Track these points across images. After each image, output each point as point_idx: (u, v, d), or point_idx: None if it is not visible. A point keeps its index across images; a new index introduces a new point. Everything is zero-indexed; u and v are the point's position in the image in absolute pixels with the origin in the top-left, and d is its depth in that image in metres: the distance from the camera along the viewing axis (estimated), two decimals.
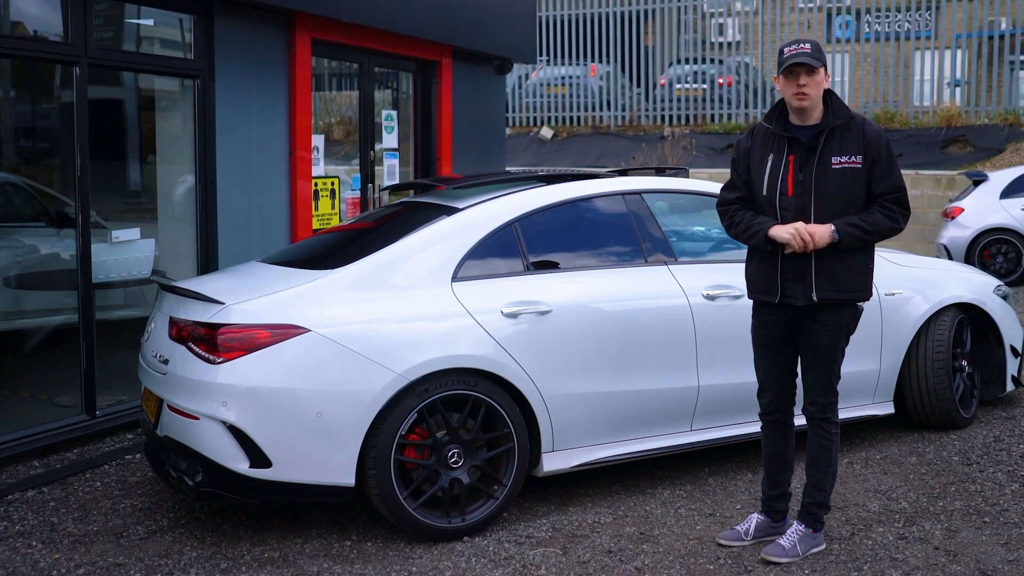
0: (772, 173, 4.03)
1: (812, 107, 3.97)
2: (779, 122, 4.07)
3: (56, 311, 6.85)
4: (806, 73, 3.91)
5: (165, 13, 6.60)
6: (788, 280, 4.04)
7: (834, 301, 4.01)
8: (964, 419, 5.89)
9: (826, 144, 3.97)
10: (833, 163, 3.95)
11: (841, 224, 3.93)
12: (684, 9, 18.87)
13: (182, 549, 4.34)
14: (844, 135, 3.97)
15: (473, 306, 4.49)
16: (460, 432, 4.39)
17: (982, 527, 4.47)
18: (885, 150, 3.96)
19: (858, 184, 3.97)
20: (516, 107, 18.83)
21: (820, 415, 4.14)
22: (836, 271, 3.98)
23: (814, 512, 4.18)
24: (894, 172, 3.98)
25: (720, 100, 17.76)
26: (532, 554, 4.23)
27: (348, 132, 8.78)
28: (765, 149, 4.08)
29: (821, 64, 3.92)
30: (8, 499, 4.95)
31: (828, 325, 4.04)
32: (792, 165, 4.00)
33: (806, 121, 4.01)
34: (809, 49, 3.91)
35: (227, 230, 6.73)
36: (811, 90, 3.91)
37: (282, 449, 4.16)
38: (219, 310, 4.26)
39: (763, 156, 4.07)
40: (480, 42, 9.45)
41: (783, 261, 4.04)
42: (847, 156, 3.95)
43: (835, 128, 3.97)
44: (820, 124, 3.98)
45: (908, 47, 17.39)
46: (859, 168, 3.95)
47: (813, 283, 3.99)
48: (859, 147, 3.95)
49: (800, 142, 4.00)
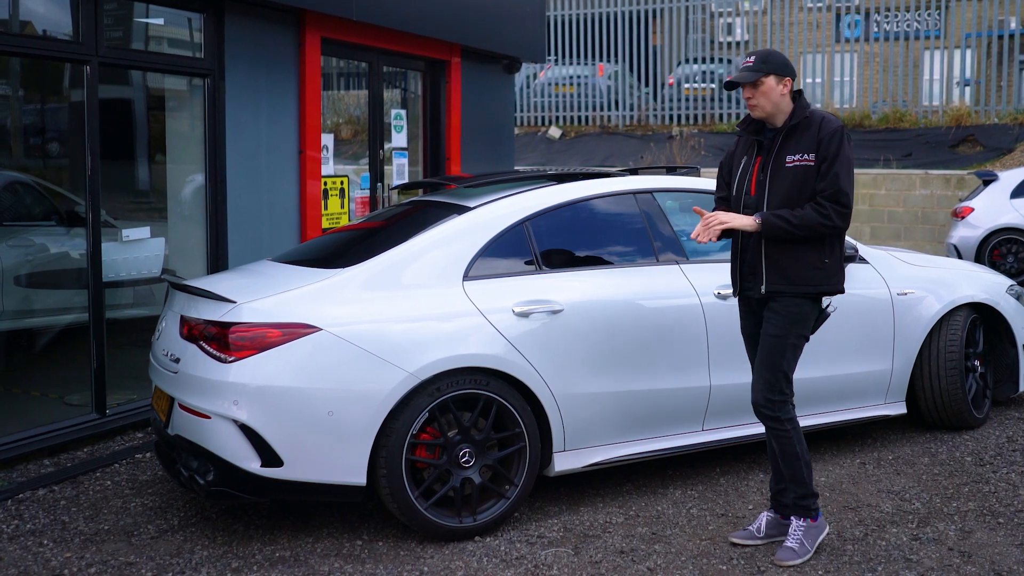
0: (742, 174, 4.22)
1: (773, 113, 4.09)
2: (755, 125, 4.22)
3: (66, 310, 6.86)
4: (750, 85, 4.07)
5: (175, 12, 6.60)
6: (747, 274, 4.21)
7: (783, 293, 4.08)
8: (977, 419, 5.86)
9: (783, 143, 4.08)
10: (787, 161, 4.05)
11: (767, 214, 4.03)
12: (692, 8, 18.84)
13: (193, 548, 4.34)
14: (801, 133, 4.06)
15: (484, 305, 4.47)
16: (471, 431, 4.38)
17: (996, 528, 4.44)
18: (836, 148, 3.99)
19: (810, 182, 4.02)
20: (524, 107, 18.81)
21: (767, 411, 4.13)
22: (785, 265, 4.06)
23: (804, 504, 4.18)
24: (837, 170, 3.98)
25: (728, 100, 17.72)
26: (544, 554, 4.22)
27: (357, 131, 8.78)
28: (742, 152, 4.28)
29: (763, 74, 4.03)
30: (19, 498, 4.95)
31: (777, 314, 4.10)
32: (757, 166, 4.16)
33: (775, 124, 4.14)
34: (752, 63, 4.08)
35: (237, 229, 6.73)
36: (759, 100, 4.06)
37: (293, 448, 4.15)
38: (230, 309, 4.26)
39: (740, 159, 4.27)
40: (489, 41, 9.44)
41: (742, 254, 4.23)
42: (800, 154, 4.03)
43: (792, 127, 4.08)
44: (781, 126, 4.12)
45: (917, 47, 17.34)
46: (811, 166, 4.01)
47: (763, 276, 4.11)
48: (813, 144, 4.02)
49: (764, 144, 4.16)
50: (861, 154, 15.35)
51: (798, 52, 18.07)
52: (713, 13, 19.67)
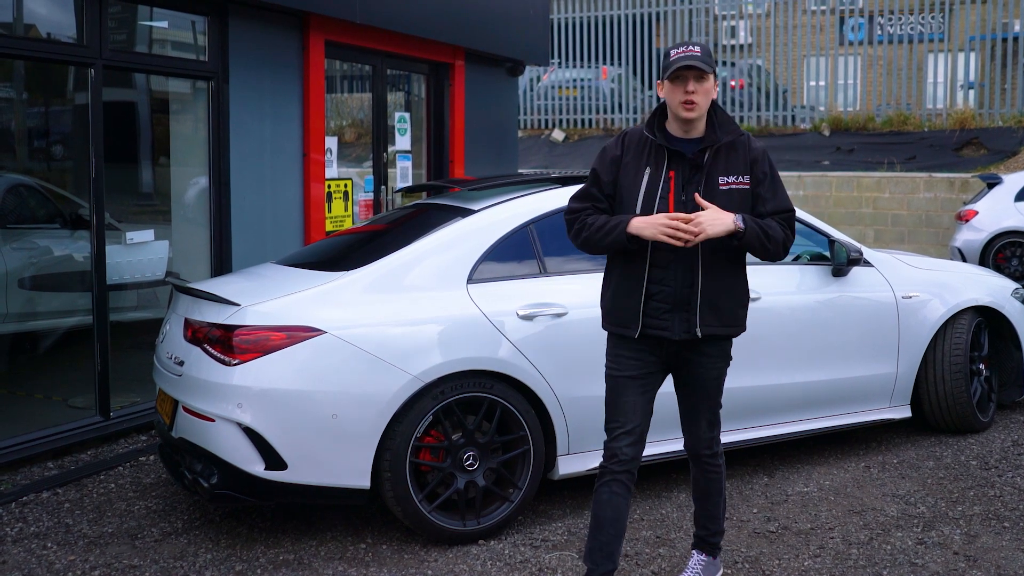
0: (649, 189, 3.46)
1: (699, 118, 3.48)
2: (658, 131, 3.55)
3: (70, 312, 6.86)
4: (695, 79, 3.39)
5: (179, 15, 6.61)
6: (663, 311, 3.47)
7: (716, 337, 3.54)
8: (982, 423, 5.85)
9: (713, 162, 3.48)
10: (721, 184, 3.46)
11: (748, 217, 3.44)
12: (695, 12, 18.83)
13: (197, 551, 4.34)
14: (731, 153, 3.51)
15: (488, 308, 4.47)
16: (475, 435, 4.38)
17: (1002, 532, 4.43)
18: (770, 168, 3.53)
19: (745, 206, 3.48)
20: (527, 109, 18.81)
21: (708, 451, 3.73)
22: (719, 302, 3.50)
23: (714, 542, 3.87)
24: (781, 191, 3.54)
25: (732, 103, 17.72)
26: (548, 557, 4.21)
27: (361, 134, 8.78)
28: (640, 160, 3.51)
29: (711, 71, 3.42)
30: (23, 500, 4.95)
31: (713, 357, 3.58)
32: (674, 182, 3.47)
33: (689, 134, 3.50)
34: (699, 52, 3.41)
35: (240, 232, 6.73)
36: (700, 98, 3.42)
37: (297, 451, 4.15)
38: (234, 312, 4.25)
39: (638, 168, 3.51)
40: (493, 44, 9.44)
41: (649, 285, 3.49)
42: (734, 176, 3.48)
43: (723, 146, 3.50)
44: (705, 139, 3.49)
45: (921, 49, 17.32)
46: (746, 189, 3.49)
47: (697, 314, 3.47)
48: (746, 166, 3.50)
49: (684, 157, 3.48)
50: (865, 157, 15.35)
51: (801, 55, 18.06)
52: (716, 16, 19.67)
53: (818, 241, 5.48)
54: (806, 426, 5.31)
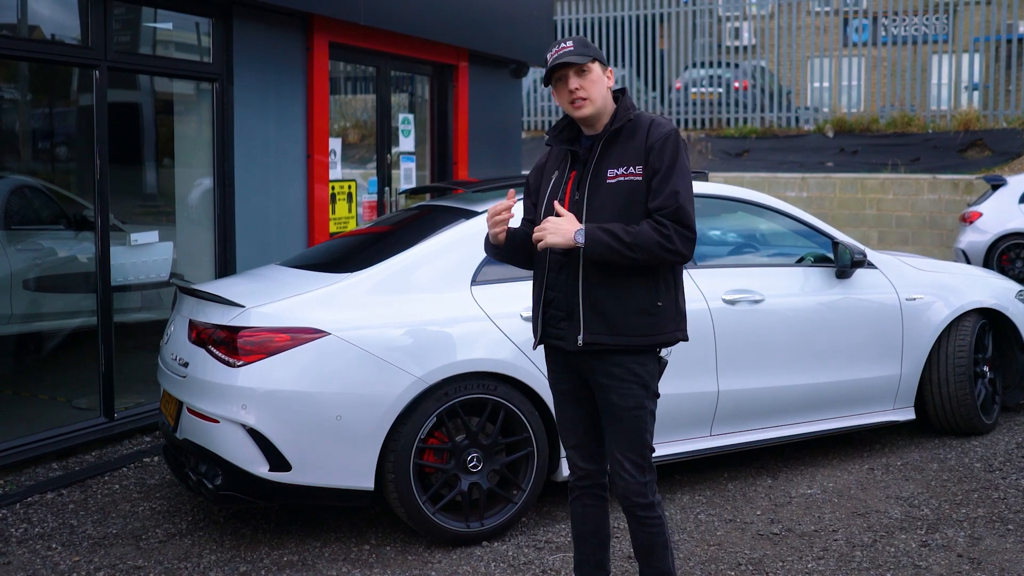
0: (552, 192, 3.28)
1: (598, 112, 3.21)
2: (569, 132, 3.34)
3: (74, 314, 6.87)
4: (576, 74, 3.17)
5: (183, 17, 6.63)
6: (554, 318, 3.25)
7: (607, 347, 3.15)
8: (986, 425, 5.84)
9: (601, 154, 3.20)
10: (608, 177, 3.16)
11: (592, 227, 3.09)
12: (699, 13, 18.83)
13: (201, 552, 4.34)
14: (625, 141, 3.19)
15: (492, 309, 4.47)
16: (479, 436, 4.38)
17: (1006, 534, 4.42)
18: (670, 157, 3.12)
19: (639, 202, 3.13)
20: (531, 111, 18.82)
21: (640, 500, 3.23)
22: (607, 308, 3.14)
23: None
24: (674, 183, 3.10)
25: (735, 104, 17.70)
26: (551, 559, 4.21)
27: (365, 136, 8.79)
28: (553, 165, 3.37)
29: (591, 59, 3.17)
30: (28, 501, 4.96)
31: (623, 381, 3.17)
32: (571, 182, 3.25)
33: (595, 129, 3.26)
34: (571, 46, 3.17)
35: (245, 233, 6.74)
36: (587, 91, 3.17)
37: (301, 452, 4.16)
38: (239, 313, 4.26)
39: (550, 173, 3.35)
40: (497, 46, 9.45)
41: (547, 292, 3.26)
42: (624, 167, 3.15)
43: (613, 134, 3.21)
44: (601, 132, 3.24)
45: (925, 51, 17.30)
46: (638, 180, 3.13)
47: (580, 323, 3.17)
48: (640, 154, 3.14)
49: (580, 154, 3.28)
50: (869, 159, 15.34)
51: (805, 56, 18.05)
52: (720, 17, 19.66)
53: (822, 243, 5.48)
54: (810, 428, 5.31)
